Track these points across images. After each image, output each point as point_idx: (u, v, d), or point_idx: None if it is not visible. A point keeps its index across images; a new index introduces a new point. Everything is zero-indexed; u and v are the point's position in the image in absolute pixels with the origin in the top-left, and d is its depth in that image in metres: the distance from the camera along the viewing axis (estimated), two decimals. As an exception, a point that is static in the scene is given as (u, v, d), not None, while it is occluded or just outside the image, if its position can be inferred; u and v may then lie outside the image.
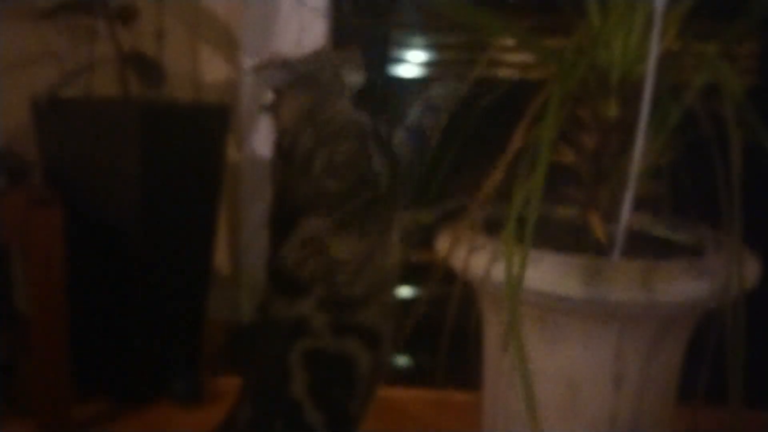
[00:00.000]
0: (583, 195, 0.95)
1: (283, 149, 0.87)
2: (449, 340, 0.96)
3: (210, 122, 1.63)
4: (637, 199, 0.91)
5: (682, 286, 0.83)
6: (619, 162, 0.92)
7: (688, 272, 0.84)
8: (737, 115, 0.81)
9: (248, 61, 1.74)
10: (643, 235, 0.99)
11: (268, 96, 0.95)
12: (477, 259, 0.89)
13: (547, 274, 0.83)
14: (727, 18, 1.06)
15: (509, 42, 1.41)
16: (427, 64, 1.71)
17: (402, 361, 1.73)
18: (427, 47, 1.72)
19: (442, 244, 0.97)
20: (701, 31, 0.96)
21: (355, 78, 0.90)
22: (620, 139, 0.91)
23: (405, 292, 1.55)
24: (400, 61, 1.72)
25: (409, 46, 1.72)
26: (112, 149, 1.46)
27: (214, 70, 1.76)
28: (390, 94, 1.74)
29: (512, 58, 1.56)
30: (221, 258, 1.78)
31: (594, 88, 0.91)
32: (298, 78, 0.88)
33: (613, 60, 0.90)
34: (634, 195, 0.90)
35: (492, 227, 0.95)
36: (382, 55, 1.75)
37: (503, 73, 1.56)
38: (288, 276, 0.84)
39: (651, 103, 0.86)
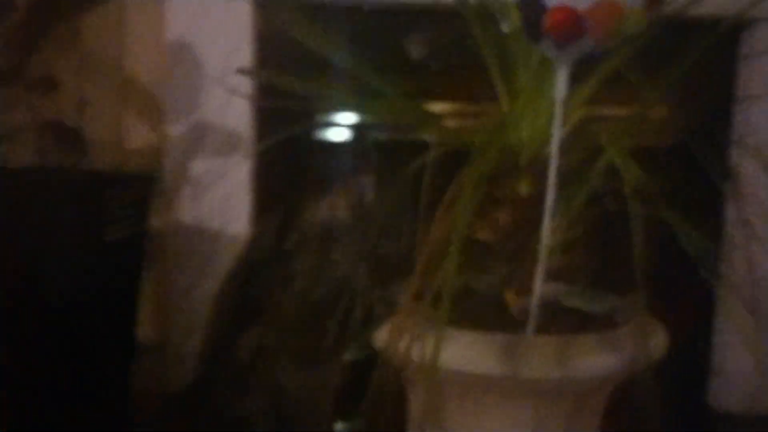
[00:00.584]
0: (500, 270, 0.97)
1: None
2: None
3: (134, 190, 1.60)
4: (555, 271, 0.93)
5: (596, 361, 0.85)
6: (533, 237, 0.94)
7: (601, 347, 0.86)
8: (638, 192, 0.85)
9: (174, 128, 1.73)
10: (558, 307, 1.02)
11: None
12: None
13: (464, 352, 0.84)
14: (640, 83, 1.12)
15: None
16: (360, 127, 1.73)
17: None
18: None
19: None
20: (615, 96, 1.01)
21: None
22: (533, 215, 0.94)
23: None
24: (330, 124, 1.74)
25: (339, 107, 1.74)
26: (31, 219, 1.43)
27: (138, 137, 1.75)
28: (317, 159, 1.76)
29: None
30: (147, 328, 1.74)
31: (507, 168, 0.94)
32: None
33: (523, 141, 0.93)
34: (549, 269, 0.92)
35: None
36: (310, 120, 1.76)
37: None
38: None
39: (558, 182, 0.89)
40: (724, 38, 1.61)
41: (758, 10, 1.43)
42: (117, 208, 1.52)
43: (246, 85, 1.72)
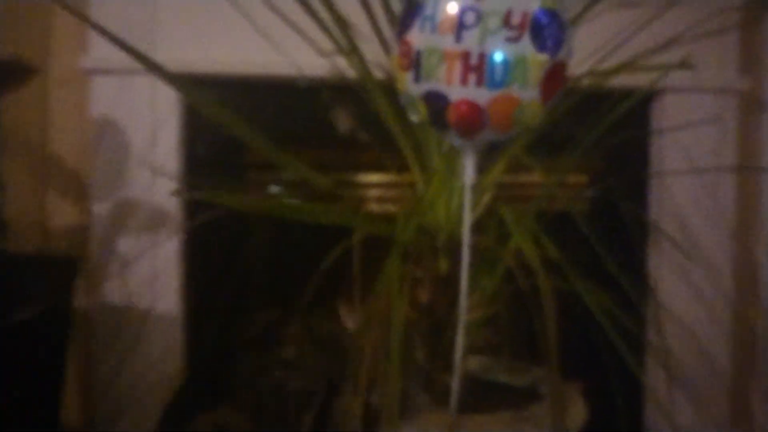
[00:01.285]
0: (424, 348, 0.98)
1: None
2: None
3: (56, 271, 1.57)
4: (479, 346, 0.95)
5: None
6: (453, 315, 0.96)
7: (521, 423, 0.87)
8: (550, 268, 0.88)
9: (99, 206, 1.71)
10: (483, 382, 1.03)
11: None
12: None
13: None
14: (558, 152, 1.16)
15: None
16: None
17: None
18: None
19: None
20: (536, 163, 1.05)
21: None
22: (452, 293, 0.96)
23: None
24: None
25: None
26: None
27: (62, 216, 1.72)
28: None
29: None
30: (73, 411, 1.69)
31: (425, 248, 0.96)
32: None
33: (439, 222, 0.95)
34: (471, 344, 0.94)
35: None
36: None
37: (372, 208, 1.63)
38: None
39: (474, 260, 0.91)
40: (636, 108, 1.70)
41: (664, 82, 1.51)
42: (39, 290, 1.48)
43: (173, 160, 1.72)
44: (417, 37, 0.79)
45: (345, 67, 1.20)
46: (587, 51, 1.23)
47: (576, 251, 0.97)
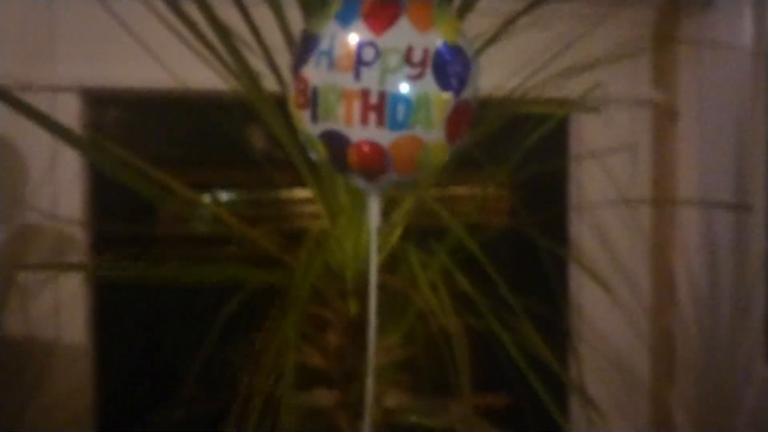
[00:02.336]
0: (333, 396, 0.93)
1: None
2: None
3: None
4: (395, 386, 0.91)
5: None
6: (364, 359, 0.91)
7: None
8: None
9: (-1, 230, 1.60)
10: (398, 425, 0.99)
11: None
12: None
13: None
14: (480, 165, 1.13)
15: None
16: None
17: None
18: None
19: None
20: (457, 177, 1.01)
21: None
22: (363, 336, 0.91)
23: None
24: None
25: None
26: None
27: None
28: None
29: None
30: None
31: (332, 288, 0.91)
32: None
33: (347, 260, 0.91)
34: (385, 387, 0.90)
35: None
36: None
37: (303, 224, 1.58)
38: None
39: (385, 302, 0.87)
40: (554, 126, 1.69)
41: (579, 106, 1.50)
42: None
43: (76, 182, 1.63)
44: (313, 74, 0.74)
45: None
46: (500, 73, 1.21)
47: (496, 266, 0.94)
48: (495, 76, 1.17)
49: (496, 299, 0.94)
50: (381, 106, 0.71)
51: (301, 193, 1.67)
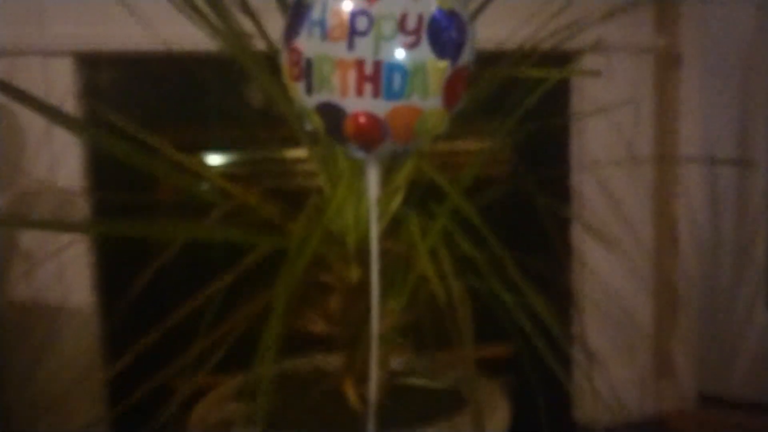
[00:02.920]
0: (338, 361, 0.94)
1: None
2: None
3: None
4: (396, 351, 0.92)
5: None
6: (367, 324, 0.92)
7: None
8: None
9: (-2, 196, 1.60)
10: (402, 387, 1.00)
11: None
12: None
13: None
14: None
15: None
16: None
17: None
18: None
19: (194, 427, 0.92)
20: (457, 131, 1.00)
21: None
22: (365, 301, 0.91)
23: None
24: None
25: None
26: None
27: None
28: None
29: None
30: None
31: (334, 254, 0.91)
32: None
33: (348, 227, 0.90)
34: (387, 352, 0.90)
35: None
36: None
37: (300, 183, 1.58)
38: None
39: (387, 267, 0.87)
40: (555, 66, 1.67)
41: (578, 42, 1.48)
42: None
43: (73, 146, 1.62)
44: (306, 44, 0.72)
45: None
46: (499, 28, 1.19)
47: (498, 223, 0.94)
48: (494, 31, 1.15)
49: (498, 257, 0.94)
50: (376, 76, 0.70)
51: (298, 152, 1.66)
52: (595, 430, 1.84)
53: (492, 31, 1.04)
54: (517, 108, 1.20)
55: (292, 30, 0.73)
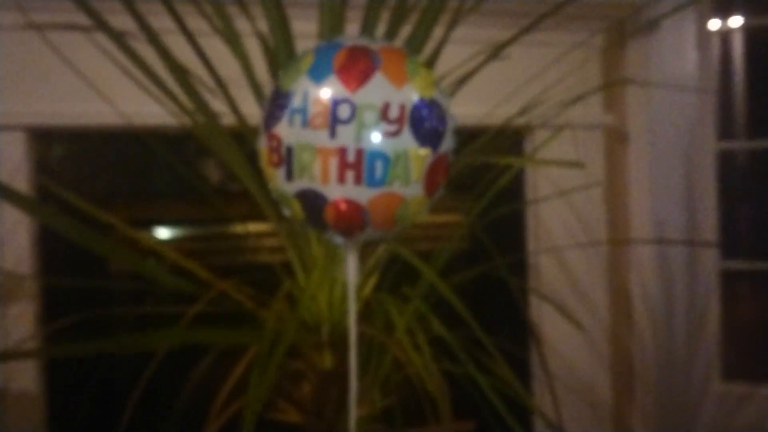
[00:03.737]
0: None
1: None
2: None
3: None
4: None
5: None
6: (342, 412, 0.89)
7: None
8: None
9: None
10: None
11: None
12: None
13: None
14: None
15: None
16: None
17: None
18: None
19: None
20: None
21: None
22: (339, 388, 0.89)
23: None
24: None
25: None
26: None
27: None
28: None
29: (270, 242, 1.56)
30: None
31: (307, 342, 0.89)
32: None
33: (321, 313, 0.89)
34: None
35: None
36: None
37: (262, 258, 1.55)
38: None
39: (360, 353, 0.85)
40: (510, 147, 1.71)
41: (532, 119, 1.52)
42: None
43: (22, 224, 1.56)
44: (286, 132, 0.72)
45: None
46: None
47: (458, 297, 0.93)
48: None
49: (460, 333, 0.94)
50: (358, 164, 0.70)
51: (257, 226, 1.64)
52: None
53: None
54: (484, 187, 1.22)
55: (271, 117, 0.73)
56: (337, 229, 0.74)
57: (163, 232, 1.73)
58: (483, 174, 1.38)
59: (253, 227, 1.64)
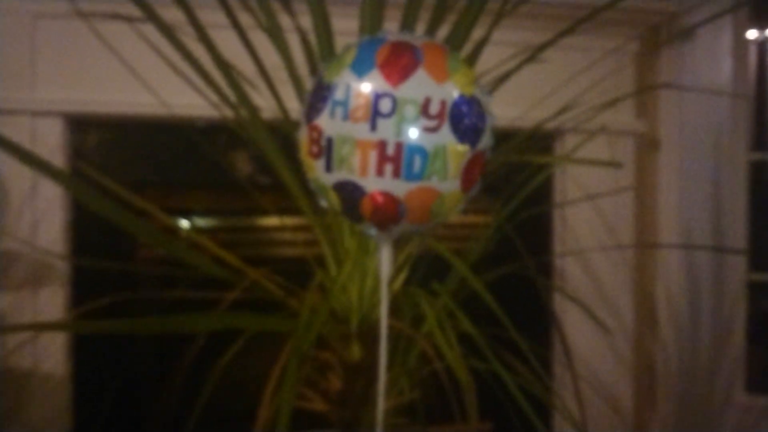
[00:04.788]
0: (335, 440, 0.92)
1: None
2: None
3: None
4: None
5: None
6: (367, 404, 0.90)
7: None
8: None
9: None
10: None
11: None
12: None
13: None
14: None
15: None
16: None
17: None
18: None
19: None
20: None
21: None
22: (366, 380, 0.90)
23: None
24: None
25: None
26: None
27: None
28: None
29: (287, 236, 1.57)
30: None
31: (336, 333, 0.90)
32: None
33: (351, 305, 0.90)
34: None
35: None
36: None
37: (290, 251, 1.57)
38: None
39: (389, 346, 0.86)
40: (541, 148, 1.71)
41: (564, 123, 1.52)
42: None
43: (56, 208, 1.59)
44: (327, 124, 0.73)
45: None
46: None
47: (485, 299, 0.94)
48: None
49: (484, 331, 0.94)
50: (397, 158, 0.71)
51: (287, 220, 1.66)
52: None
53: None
54: (514, 188, 1.22)
55: (313, 108, 0.74)
56: (372, 222, 0.75)
57: (193, 222, 1.75)
58: (512, 176, 1.38)
59: (283, 221, 1.66)
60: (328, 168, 0.73)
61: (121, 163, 1.68)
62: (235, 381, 1.03)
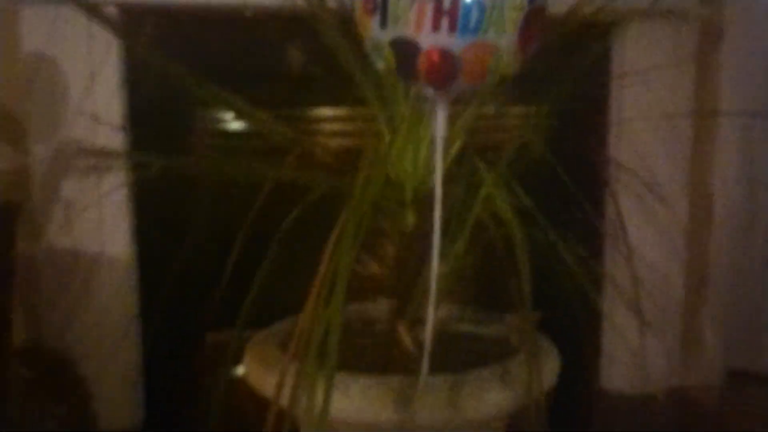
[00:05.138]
0: (391, 306, 0.95)
1: None
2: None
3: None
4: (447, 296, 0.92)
5: (489, 399, 0.84)
6: (422, 270, 0.93)
7: (494, 382, 0.85)
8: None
9: (39, 149, 1.61)
10: (452, 333, 1.01)
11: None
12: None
13: (356, 402, 0.82)
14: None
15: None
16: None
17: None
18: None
19: (250, 365, 0.93)
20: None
21: None
22: (420, 247, 0.92)
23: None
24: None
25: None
26: None
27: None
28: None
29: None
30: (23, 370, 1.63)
31: (391, 200, 0.92)
32: None
33: (406, 173, 0.91)
34: (440, 299, 0.91)
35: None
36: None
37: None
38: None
39: (444, 213, 0.87)
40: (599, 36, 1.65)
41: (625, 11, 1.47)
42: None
43: (115, 98, 1.62)
44: (383, -22, 0.72)
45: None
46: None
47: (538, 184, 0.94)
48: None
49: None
50: (454, 11, 0.70)
51: (339, 111, 1.66)
52: (619, 399, 1.85)
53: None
54: (563, 73, 1.20)
55: (368, -37, 0.73)
56: (428, 80, 0.74)
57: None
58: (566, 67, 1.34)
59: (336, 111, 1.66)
60: (383, 23, 0.73)
61: (174, 56, 1.69)
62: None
